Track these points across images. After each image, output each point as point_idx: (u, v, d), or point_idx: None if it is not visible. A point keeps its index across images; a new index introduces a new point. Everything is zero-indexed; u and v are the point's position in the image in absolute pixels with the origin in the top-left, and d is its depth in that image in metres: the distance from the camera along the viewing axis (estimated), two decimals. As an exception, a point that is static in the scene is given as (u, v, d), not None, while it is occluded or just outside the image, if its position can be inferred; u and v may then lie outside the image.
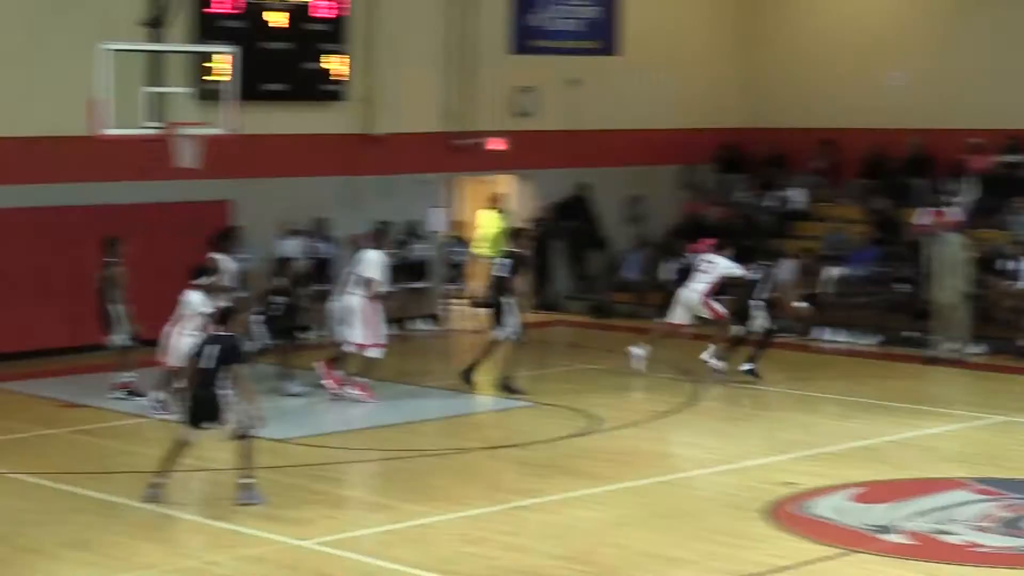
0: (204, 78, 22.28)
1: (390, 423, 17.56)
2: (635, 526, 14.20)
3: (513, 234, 22.36)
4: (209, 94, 21.42)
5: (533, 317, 27.75)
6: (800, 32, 30.51)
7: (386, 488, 15.83)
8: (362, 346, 19.89)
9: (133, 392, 19.97)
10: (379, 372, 20.34)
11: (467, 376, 20.65)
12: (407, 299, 25.59)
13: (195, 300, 18.11)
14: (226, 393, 14.68)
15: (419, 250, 26.86)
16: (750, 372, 21.30)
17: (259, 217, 25.16)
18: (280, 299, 20.46)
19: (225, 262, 20.64)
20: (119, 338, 20.11)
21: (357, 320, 19.84)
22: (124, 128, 19.99)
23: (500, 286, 20.53)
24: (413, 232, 26.83)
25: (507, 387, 20.50)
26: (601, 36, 29.63)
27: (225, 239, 21.63)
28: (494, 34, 28.33)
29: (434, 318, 27.15)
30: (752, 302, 21.39)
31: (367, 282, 19.82)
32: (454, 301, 27.66)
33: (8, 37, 23.42)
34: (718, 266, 21.60)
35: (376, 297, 19.88)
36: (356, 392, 19.97)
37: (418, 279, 26.65)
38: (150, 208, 24.37)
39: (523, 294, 21.47)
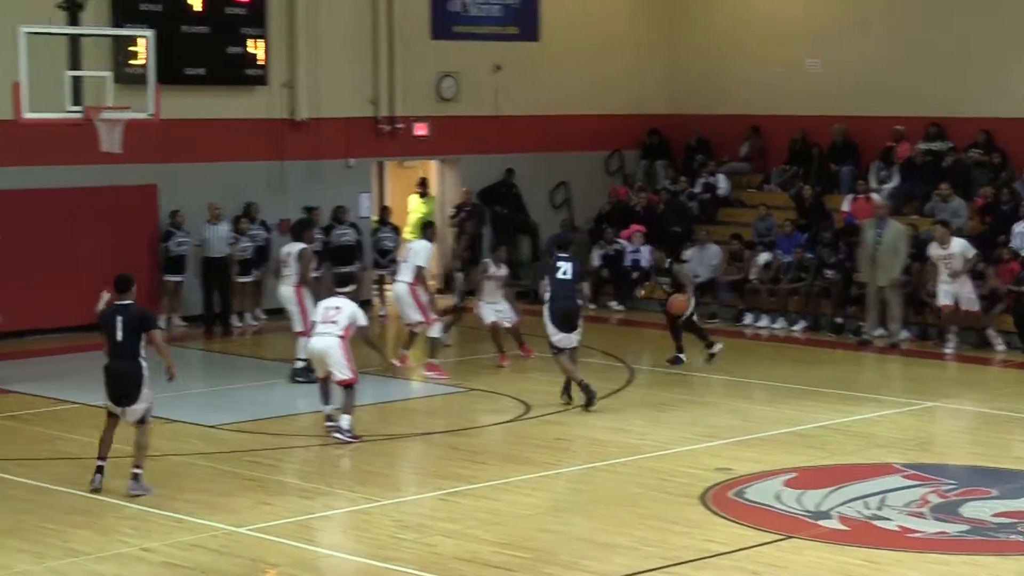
0: (128, 62, 22.07)
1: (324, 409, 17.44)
2: (571, 512, 14.20)
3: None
4: (131, 78, 21.23)
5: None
6: (724, 17, 30.60)
7: (321, 474, 15.74)
8: (425, 325, 20.78)
9: None
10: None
11: None
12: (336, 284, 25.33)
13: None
14: (144, 367, 14.52)
15: (346, 235, 26.70)
16: None
17: (185, 202, 25.02)
18: None
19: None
20: None
21: (410, 305, 20.72)
22: (48, 112, 19.80)
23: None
24: (338, 217, 26.66)
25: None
26: (521, 22, 29.61)
27: (300, 228, 21.27)
28: (416, 19, 28.22)
29: (366, 304, 27.01)
30: None
31: (416, 270, 20.74)
32: (386, 287, 27.56)
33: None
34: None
35: (420, 283, 20.77)
36: (432, 373, 20.61)
37: (346, 264, 26.50)
38: (75, 192, 24.17)
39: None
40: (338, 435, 16.84)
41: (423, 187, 29.33)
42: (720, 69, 30.38)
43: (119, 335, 14.45)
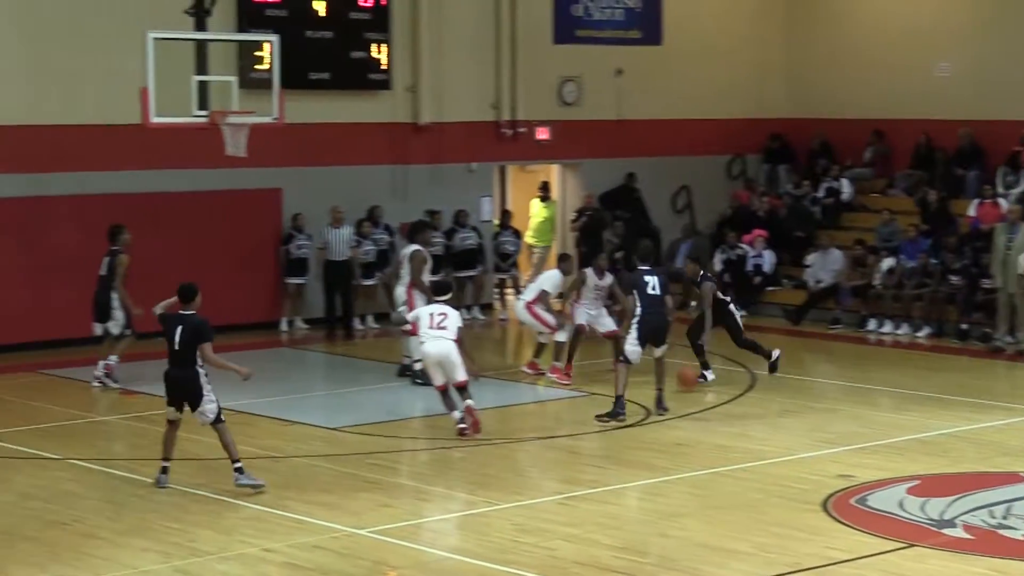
0: (253, 67, 22.27)
1: (442, 412, 17.52)
2: (691, 517, 14.13)
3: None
4: (255, 83, 21.42)
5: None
6: (847, 20, 30.33)
7: (441, 477, 15.82)
8: (551, 333, 21.11)
9: (111, 376, 20.48)
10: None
11: None
12: (458, 288, 25.47)
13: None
14: (201, 374, 14.75)
15: (468, 239, 26.80)
16: None
17: (309, 206, 25.24)
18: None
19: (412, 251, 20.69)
20: (115, 326, 20.40)
21: (529, 322, 21.37)
22: (174, 116, 20.07)
23: None
24: (460, 221, 26.76)
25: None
26: (643, 26, 29.56)
27: (415, 230, 21.46)
28: (538, 23, 28.25)
29: (487, 307, 27.14)
30: None
31: (540, 293, 21.15)
32: (507, 291, 27.65)
33: (57, 25, 23.51)
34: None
35: (539, 302, 21.15)
36: (555, 376, 20.86)
37: (468, 268, 26.59)
38: (200, 196, 24.48)
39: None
40: (470, 404, 17.12)
41: (544, 191, 29.34)
42: (843, 73, 30.10)
43: (177, 344, 14.81)
